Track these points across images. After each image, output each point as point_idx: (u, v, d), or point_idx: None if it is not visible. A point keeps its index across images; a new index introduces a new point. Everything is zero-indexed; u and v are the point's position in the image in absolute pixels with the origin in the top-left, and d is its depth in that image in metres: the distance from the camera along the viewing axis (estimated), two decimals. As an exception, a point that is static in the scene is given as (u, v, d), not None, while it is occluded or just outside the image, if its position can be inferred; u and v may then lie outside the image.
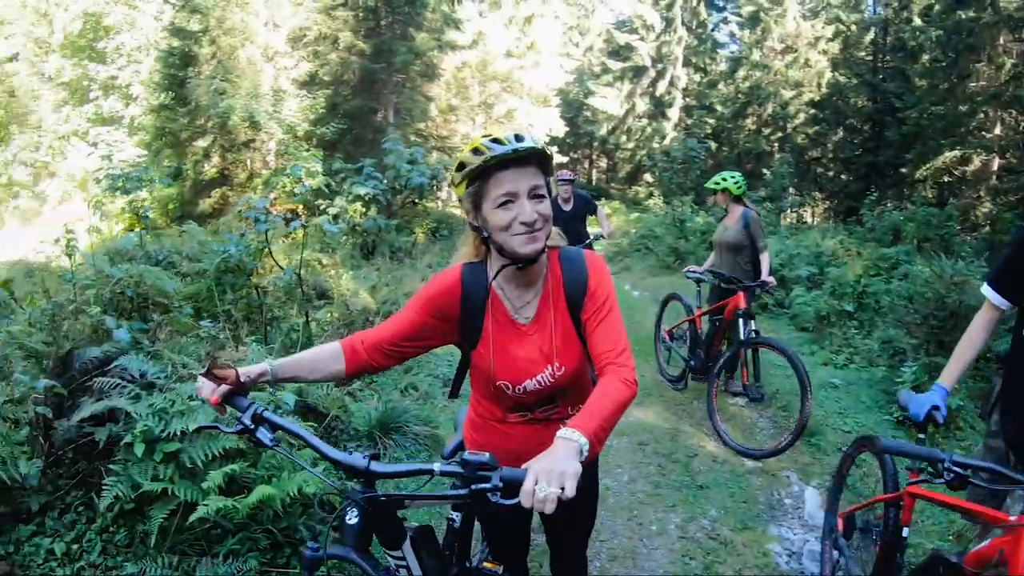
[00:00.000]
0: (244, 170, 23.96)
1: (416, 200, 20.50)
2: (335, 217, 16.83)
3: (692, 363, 8.40)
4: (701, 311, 8.45)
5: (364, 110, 26.17)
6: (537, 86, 35.10)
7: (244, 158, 23.90)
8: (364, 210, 17.34)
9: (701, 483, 6.41)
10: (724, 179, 8.03)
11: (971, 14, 22.11)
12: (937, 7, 24.64)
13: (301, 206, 17.38)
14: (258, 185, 21.91)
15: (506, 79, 32.64)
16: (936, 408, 3.32)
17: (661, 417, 7.95)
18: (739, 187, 7.97)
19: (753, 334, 7.31)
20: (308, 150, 22.14)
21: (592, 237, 10.48)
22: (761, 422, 8.02)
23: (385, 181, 18.15)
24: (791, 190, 29.52)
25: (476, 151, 2.34)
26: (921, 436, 3.51)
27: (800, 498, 6.27)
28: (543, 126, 35.17)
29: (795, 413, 6.93)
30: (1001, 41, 22.13)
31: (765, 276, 7.63)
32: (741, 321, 7.33)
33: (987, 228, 21.60)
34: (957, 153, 23.24)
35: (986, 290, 3.45)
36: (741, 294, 7.43)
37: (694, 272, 8.32)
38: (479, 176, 2.35)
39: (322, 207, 17.91)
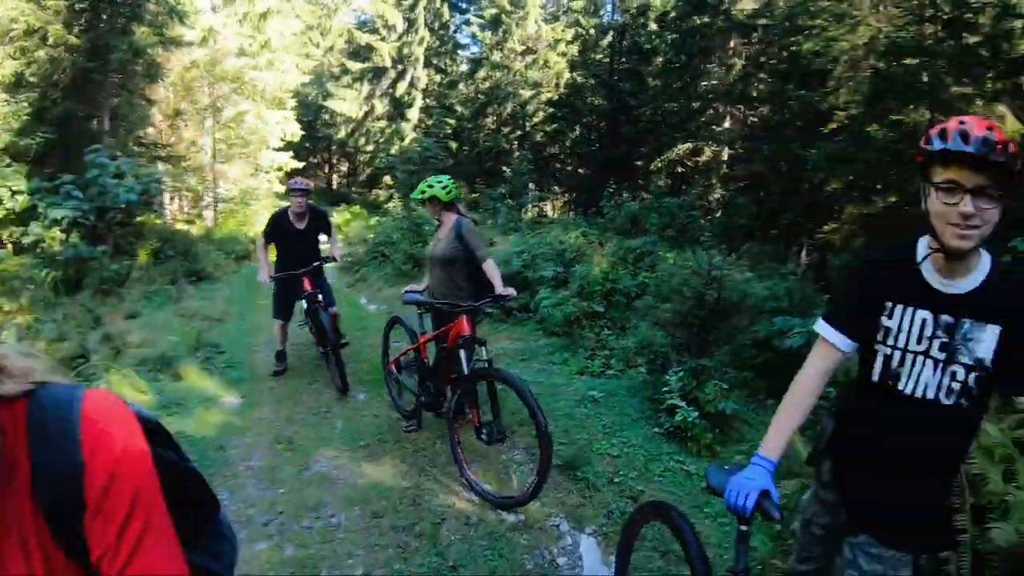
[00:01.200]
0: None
1: (127, 220, 17.84)
2: (34, 246, 14.34)
3: (423, 399, 6.96)
4: (425, 337, 6.90)
5: (75, 116, 21.77)
6: (271, 87, 32.09)
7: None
8: (65, 236, 14.85)
9: (454, 561, 4.82)
10: (430, 185, 6.66)
11: (705, 19, 23.70)
12: (673, 14, 25.72)
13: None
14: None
15: (236, 79, 29.65)
16: (766, 495, 2.56)
17: (399, 472, 6.23)
18: (448, 192, 6.64)
19: (485, 363, 5.87)
20: (9, 165, 18.27)
21: (322, 258, 9.03)
22: (517, 455, 6.63)
23: (89, 200, 15.65)
24: (531, 186, 29.63)
25: None
26: (744, 528, 2.66)
27: (575, 553, 5.05)
28: (277, 130, 32.78)
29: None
30: (732, 44, 23.92)
31: (500, 289, 6.15)
32: (462, 352, 5.85)
33: (720, 213, 22.55)
34: (689, 145, 25.12)
35: (823, 328, 2.79)
36: (463, 319, 5.96)
37: (412, 294, 6.74)
38: None
39: (10, 236, 15.22)
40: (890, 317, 2.59)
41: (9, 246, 16.35)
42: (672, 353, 7.78)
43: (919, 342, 2.52)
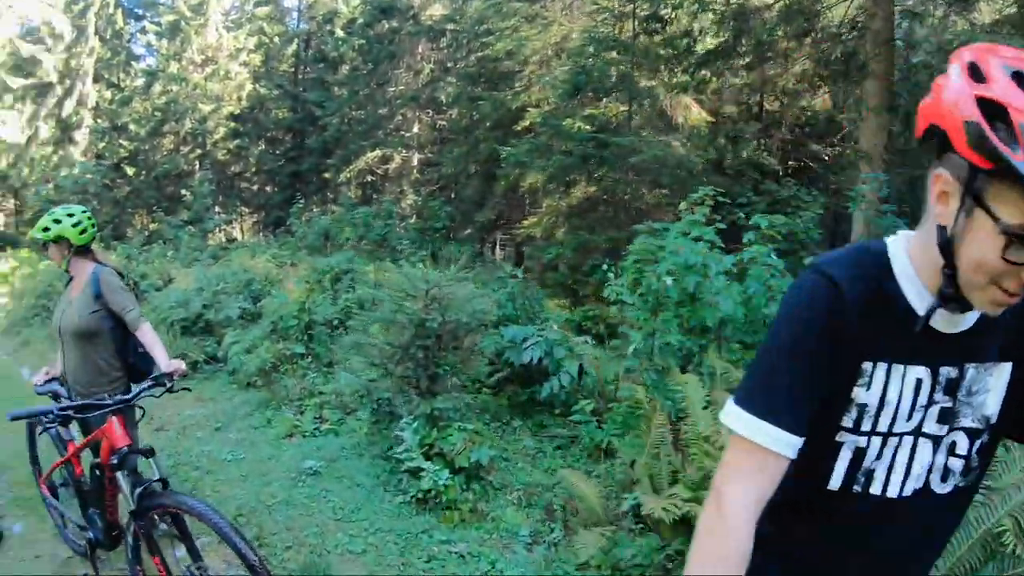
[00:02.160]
0: None
1: None
2: None
3: (93, 534, 4.54)
4: (74, 445, 4.53)
5: None
6: None
7: None
8: None
9: None
10: (56, 220, 4.50)
11: (394, 24, 23.81)
12: (360, 20, 25.65)
13: None
14: None
15: None
16: None
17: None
18: (83, 232, 4.53)
19: (157, 484, 3.67)
20: None
21: None
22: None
23: None
24: (216, 208, 28.44)
25: None
26: None
27: None
28: None
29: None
30: (420, 49, 23.92)
31: (165, 364, 4.10)
32: (120, 476, 3.71)
33: (414, 218, 22.35)
34: (379, 153, 24.29)
35: (753, 427, 1.42)
36: (111, 422, 3.77)
37: (47, 384, 4.71)
38: None
39: None
40: (868, 387, 1.44)
41: None
42: (397, 396, 6.10)
43: (909, 417, 1.47)
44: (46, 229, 4.40)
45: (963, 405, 1.46)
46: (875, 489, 1.48)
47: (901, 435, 1.46)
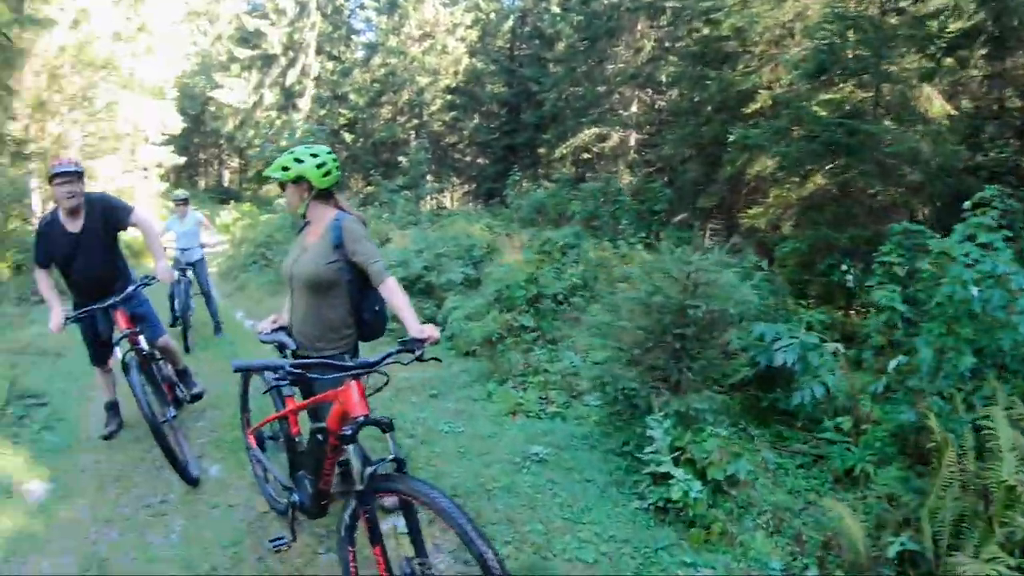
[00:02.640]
0: None
1: None
2: None
3: (299, 498, 4.18)
4: (295, 403, 4.18)
5: None
6: (150, 76, 28.79)
7: None
8: None
9: None
10: (298, 160, 4.00)
11: (612, 0, 22.76)
12: None
13: None
14: None
15: (107, 65, 26.62)
16: None
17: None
18: (326, 174, 4.05)
19: (391, 464, 3.24)
20: None
21: (142, 279, 5.96)
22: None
23: None
24: (428, 177, 28.42)
25: None
26: None
27: None
28: (156, 122, 29.69)
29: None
30: (640, 27, 22.71)
31: (416, 330, 3.53)
32: (352, 449, 3.32)
33: (630, 199, 20.68)
34: (596, 131, 23.43)
35: None
36: (350, 387, 3.34)
37: (274, 333, 4.30)
38: None
39: None
40: None
41: None
42: (642, 386, 5.41)
43: None
44: (285, 168, 4.00)
45: None
46: None
47: None
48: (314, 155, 4.01)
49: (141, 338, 5.68)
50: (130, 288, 5.76)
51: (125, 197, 27.69)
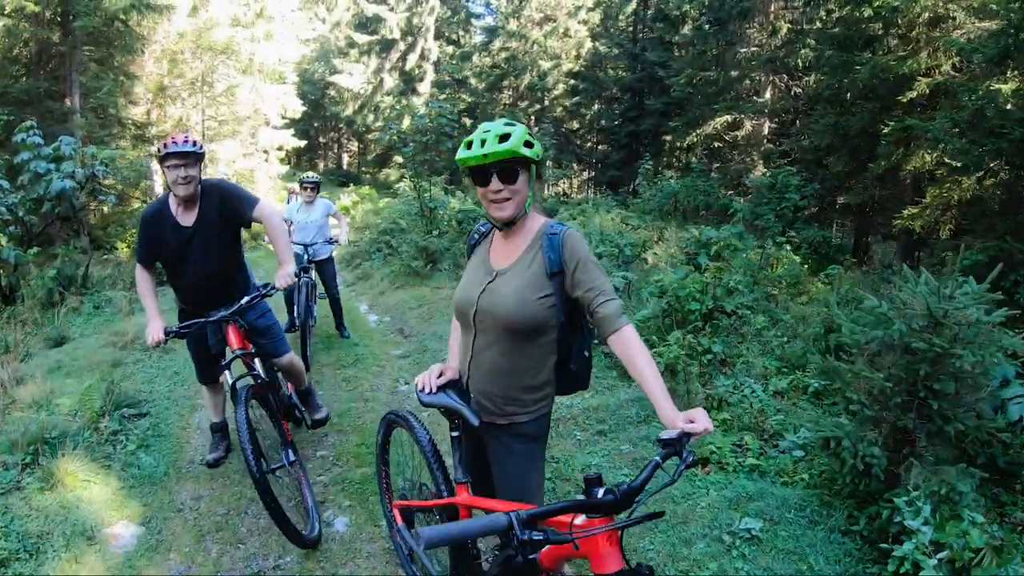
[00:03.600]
0: None
1: (69, 212, 14.01)
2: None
3: None
4: (470, 497, 3.03)
5: (39, 94, 18.96)
6: (269, 60, 29.33)
7: None
8: None
9: None
10: (503, 136, 2.59)
11: None
12: None
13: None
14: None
15: (226, 50, 26.72)
16: None
17: None
18: (536, 151, 2.70)
19: None
20: None
21: (260, 288, 4.99)
22: None
23: (16, 191, 12.71)
24: (548, 163, 27.64)
25: None
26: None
27: None
28: (276, 106, 30.23)
29: None
30: (774, 8, 21.80)
31: (679, 418, 2.26)
32: None
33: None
34: (728, 118, 22.23)
35: None
36: (599, 539, 2.10)
37: (439, 395, 2.96)
38: None
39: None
40: None
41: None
42: (884, 453, 4.17)
43: None
44: (480, 142, 2.59)
45: None
46: None
47: None
48: (512, 124, 2.68)
49: (257, 362, 4.84)
50: (244, 299, 4.73)
51: (244, 180, 28.10)
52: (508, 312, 2.72)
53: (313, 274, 9.14)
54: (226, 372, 4.92)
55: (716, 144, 23.88)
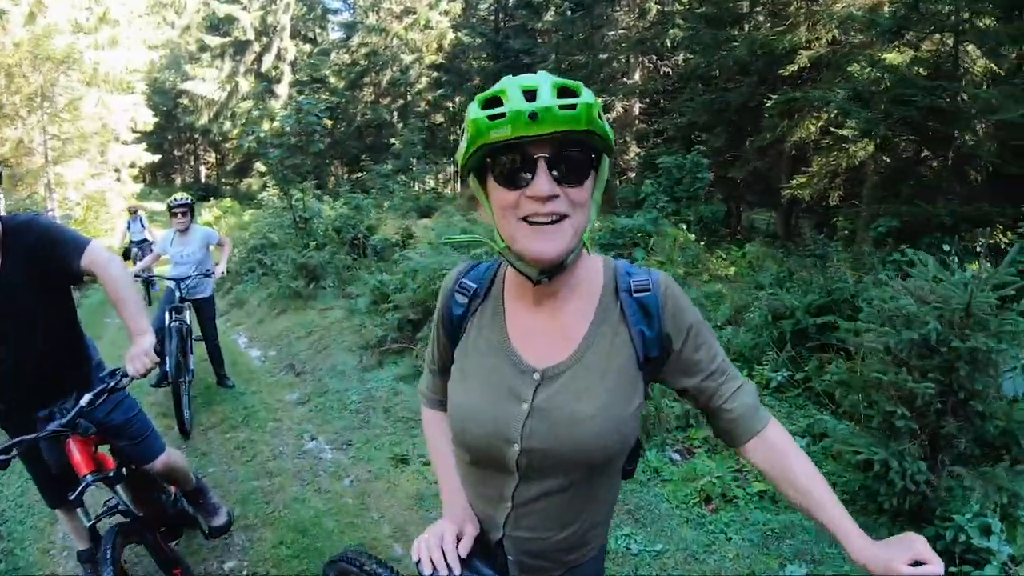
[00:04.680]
0: None
1: None
2: None
3: None
4: None
5: None
6: (115, 68, 26.86)
7: None
8: None
9: None
10: (570, 84, 1.36)
11: None
12: None
13: None
14: None
15: (67, 59, 24.83)
16: None
17: None
18: (611, 136, 1.47)
19: None
20: None
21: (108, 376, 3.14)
22: None
23: None
24: (414, 160, 27.42)
25: None
26: None
27: None
28: (125, 119, 27.93)
29: None
30: None
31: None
32: None
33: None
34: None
35: None
36: None
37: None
38: None
39: None
40: None
41: None
42: (917, 463, 3.60)
43: None
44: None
45: None
46: None
47: None
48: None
49: (119, 489, 3.26)
50: (84, 398, 3.01)
51: (96, 204, 26.38)
52: (590, 447, 1.58)
53: (188, 315, 7.21)
54: (78, 510, 3.46)
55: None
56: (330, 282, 12.10)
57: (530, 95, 1.33)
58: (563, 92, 1.33)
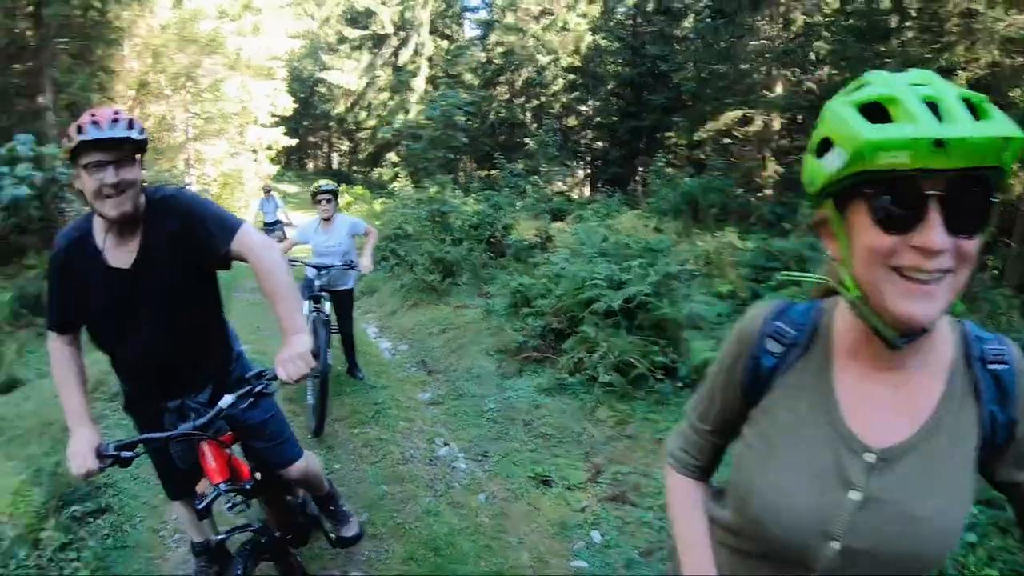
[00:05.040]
0: None
1: (20, 224, 12.21)
2: None
3: None
4: None
5: (7, 91, 18.09)
6: (257, 55, 28.34)
7: None
8: None
9: None
10: (975, 97, 1.08)
11: None
12: None
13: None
14: None
15: (211, 43, 25.52)
16: None
17: None
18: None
19: None
20: None
21: (254, 376, 2.73)
22: None
23: None
24: (546, 162, 26.91)
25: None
26: None
27: None
28: (265, 103, 29.25)
29: None
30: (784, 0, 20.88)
31: None
32: None
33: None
34: (739, 113, 21.32)
35: None
36: None
37: None
38: None
39: None
40: None
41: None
42: None
43: None
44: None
45: None
46: None
47: None
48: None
49: (255, 503, 3.13)
50: (225, 401, 2.62)
51: (233, 181, 27.18)
52: (928, 552, 1.28)
53: (328, 306, 6.84)
54: (204, 522, 3.54)
55: (725, 140, 22.92)
56: (465, 279, 11.71)
57: (932, 108, 1.05)
58: (973, 109, 1.06)
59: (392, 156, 35.08)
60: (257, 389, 2.63)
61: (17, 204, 10.98)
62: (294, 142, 33.51)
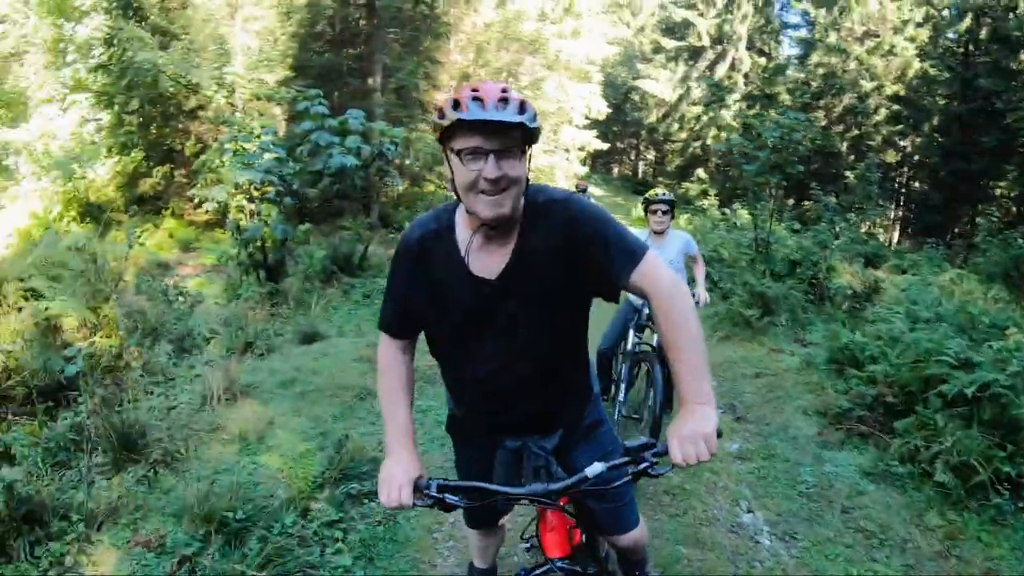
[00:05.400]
0: (193, 145, 18.49)
1: (346, 192, 13.66)
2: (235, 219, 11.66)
3: None
4: None
5: (341, 70, 20.86)
6: (575, 58, 29.45)
7: (192, 129, 18.70)
8: (253, 207, 11.60)
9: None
10: None
11: None
12: None
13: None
14: (202, 165, 15.91)
15: (533, 43, 27.18)
16: None
17: None
18: None
19: None
20: (261, 119, 16.49)
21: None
22: None
23: (295, 163, 12.34)
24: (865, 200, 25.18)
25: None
26: None
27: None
28: (580, 105, 30.22)
29: None
30: None
31: None
32: None
33: None
34: None
35: None
36: None
37: None
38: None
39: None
40: None
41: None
42: None
43: None
44: None
45: None
46: None
47: None
48: None
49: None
50: (596, 467, 2.17)
51: (544, 177, 28.30)
52: None
53: (655, 337, 6.06)
54: (491, 547, 3.36)
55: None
56: (784, 319, 10.66)
57: None
58: None
59: (700, 172, 35.24)
60: (637, 470, 2.13)
61: (343, 172, 12.01)
62: (605, 146, 34.46)
